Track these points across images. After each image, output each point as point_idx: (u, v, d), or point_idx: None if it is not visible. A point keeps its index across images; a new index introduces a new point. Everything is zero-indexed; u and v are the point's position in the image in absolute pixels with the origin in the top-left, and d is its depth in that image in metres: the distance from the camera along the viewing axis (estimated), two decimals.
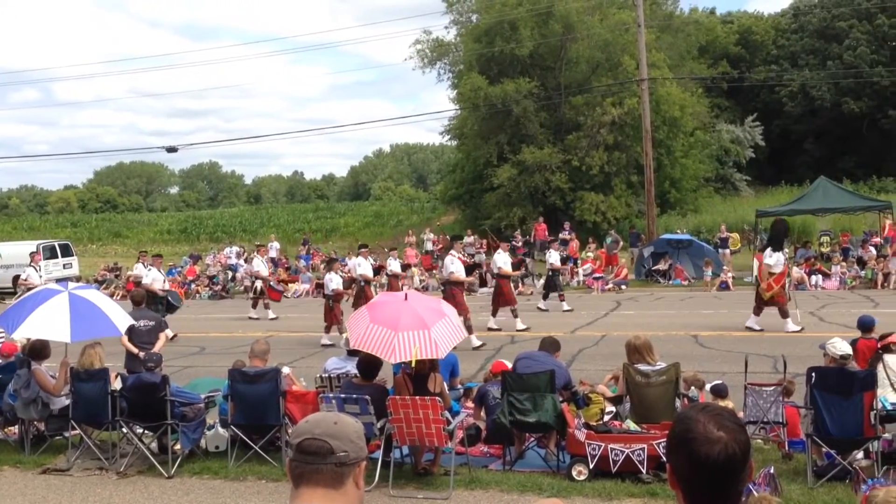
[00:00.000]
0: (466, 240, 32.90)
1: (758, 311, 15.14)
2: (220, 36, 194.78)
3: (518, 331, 16.15)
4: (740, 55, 49.51)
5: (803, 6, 50.37)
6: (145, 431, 8.55)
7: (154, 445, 8.56)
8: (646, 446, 7.17)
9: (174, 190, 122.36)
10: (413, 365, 7.50)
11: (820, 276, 23.43)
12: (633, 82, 32.57)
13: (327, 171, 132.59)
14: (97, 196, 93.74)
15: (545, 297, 20.35)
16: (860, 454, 7.23)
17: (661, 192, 35.35)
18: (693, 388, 8.70)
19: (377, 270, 20.29)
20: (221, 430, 8.71)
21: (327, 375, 9.14)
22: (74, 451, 8.52)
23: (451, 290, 15.20)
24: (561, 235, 30.04)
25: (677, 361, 8.21)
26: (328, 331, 16.02)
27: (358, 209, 58.09)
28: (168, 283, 19.60)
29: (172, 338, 16.92)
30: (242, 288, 29.71)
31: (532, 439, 8.11)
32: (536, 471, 7.70)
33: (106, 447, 8.53)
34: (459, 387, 9.94)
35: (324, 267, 21.87)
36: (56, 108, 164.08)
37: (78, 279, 28.23)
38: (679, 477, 2.04)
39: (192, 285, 30.33)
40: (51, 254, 31.45)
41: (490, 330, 16.32)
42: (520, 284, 25.32)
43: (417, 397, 7.30)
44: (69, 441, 8.76)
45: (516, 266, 20.57)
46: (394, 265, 20.02)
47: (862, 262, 23.79)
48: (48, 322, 8.47)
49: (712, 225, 33.09)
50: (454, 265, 15.58)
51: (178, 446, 8.34)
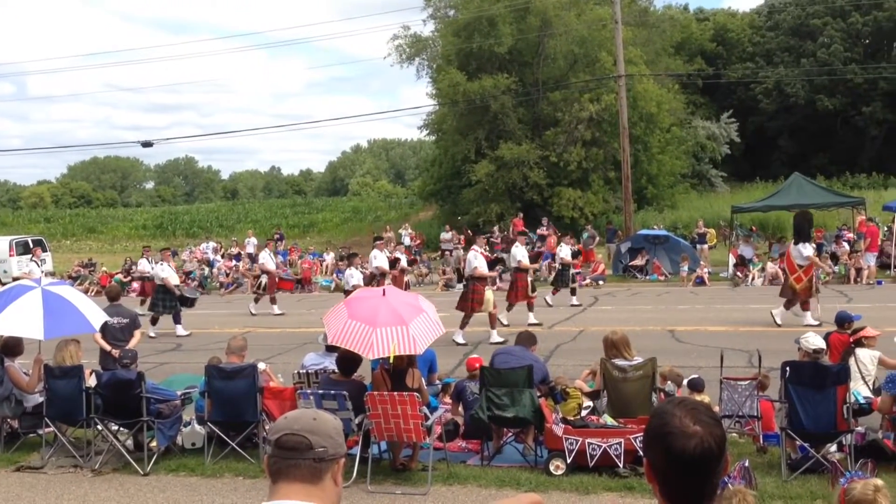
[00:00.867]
0: (444, 235, 32.96)
1: (788, 305, 15.00)
2: (197, 31, 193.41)
3: (530, 325, 15.91)
4: (716, 52, 49.94)
5: (778, 4, 50.86)
6: (120, 429, 8.45)
7: (129, 443, 8.46)
8: (623, 441, 7.22)
9: (149, 185, 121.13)
10: (391, 361, 7.49)
11: None
12: (610, 79, 32.68)
13: (305, 167, 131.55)
14: (71, 191, 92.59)
15: (554, 291, 20.08)
16: (833, 447, 7.33)
17: (638, 188, 35.59)
18: (670, 382, 8.78)
19: (392, 263, 20.07)
20: (198, 427, 8.65)
21: (305, 371, 9.12)
22: (49, 449, 8.42)
23: (473, 285, 14.90)
24: (539, 231, 30.14)
25: (654, 356, 8.28)
26: None
27: (335, 205, 57.89)
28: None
29: (187, 335, 16.84)
30: (218, 284, 29.53)
31: (510, 434, 8.13)
32: (514, 466, 7.73)
33: (81, 445, 8.43)
34: (437, 382, 9.95)
35: (345, 262, 21.34)
36: (29, 103, 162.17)
37: (52, 275, 27.91)
38: (655, 471, 2.05)
39: None
40: (24, 250, 31.15)
41: (530, 324, 15.97)
42: (497, 281, 25.37)
43: (395, 393, 7.29)
44: (43, 439, 8.66)
45: (492, 264, 20.35)
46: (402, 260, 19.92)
47: (835, 258, 24.06)
48: (21, 319, 8.37)
49: (689, 221, 33.35)
50: (477, 260, 15.22)
51: (153, 443, 8.27)
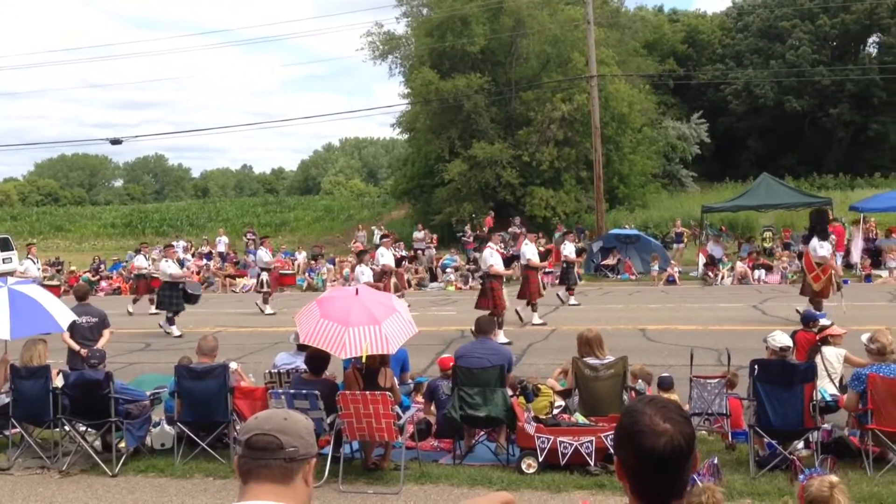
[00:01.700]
0: (416, 234, 32.92)
1: (818, 307, 14.49)
2: (170, 27, 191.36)
3: (534, 324, 16.06)
4: (687, 54, 50.42)
5: (747, 6, 51.45)
6: (88, 429, 8.36)
7: (98, 444, 8.37)
8: (594, 439, 7.27)
9: (118, 183, 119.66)
10: (363, 360, 7.47)
11: (763, 271, 23.97)
12: (582, 79, 32.83)
13: (276, 165, 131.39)
14: (38, 189, 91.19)
15: (570, 291, 19.95)
16: (801, 444, 7.44)
17: (610, 188, 35.80)
18: (640, 381, 8.85)
19: (399, 261, 19.97)
20: (167, 428, 8.57)
21: (276, 371, 9.08)
22: (15, 450, 8.31)
23: (490, 283, 14.83)
24: (510, 230, 30.18)
25: (625, 355, 8.34)
26: None
27: (308, 203, 57.55)
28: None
29: (178, 336, 16.54)
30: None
31: (482, 433, 8.15)
32: (486, 464, 7.74)
33: (48, 446, 8.33)
34: (410, 382, 9.95)
35: (355, 260, 21.20)
36: None
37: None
38: (626, 468, 2.07)
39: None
40: None
41: (534, 325, 16.14)
42: (470, 279, 25.43)
43: (367, 392, 7.27)
44: (9, 440, 8.56)
45: (508, 261, 20.16)
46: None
47: (801, 257, 24.36)
48: None
49: (659, 220, 33.62)
50: (493, 258, 15.13)
51: (122, 444, 8.17)
